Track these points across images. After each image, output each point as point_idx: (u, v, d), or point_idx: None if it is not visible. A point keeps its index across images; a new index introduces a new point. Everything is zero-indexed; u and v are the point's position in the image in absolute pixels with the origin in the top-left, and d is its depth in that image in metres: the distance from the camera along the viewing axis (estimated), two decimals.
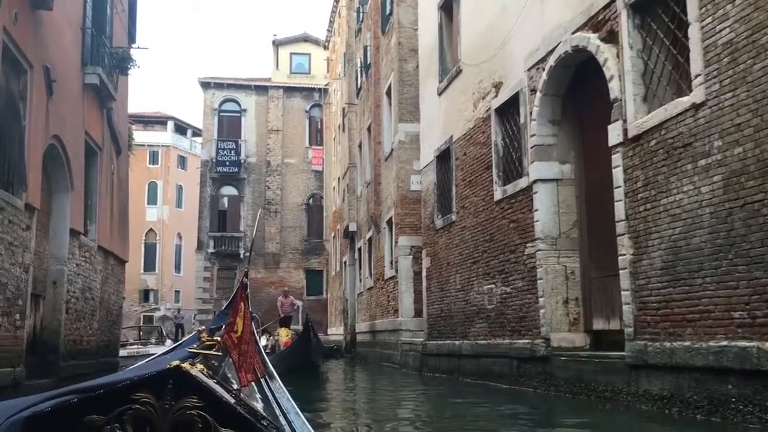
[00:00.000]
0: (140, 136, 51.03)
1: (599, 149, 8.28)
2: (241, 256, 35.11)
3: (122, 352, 16.79)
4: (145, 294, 50.14)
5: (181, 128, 53.31)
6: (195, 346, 3.78)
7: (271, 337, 17.61)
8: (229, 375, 3.96)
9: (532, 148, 9.04)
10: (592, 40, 7.67)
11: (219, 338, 3.68)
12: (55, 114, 8.70)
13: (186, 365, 2.50)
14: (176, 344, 6.27)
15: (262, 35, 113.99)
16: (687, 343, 5.89)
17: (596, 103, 8.40)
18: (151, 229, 50.66)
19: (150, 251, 50.43)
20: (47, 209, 9.42)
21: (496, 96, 10.36)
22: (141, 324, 40.65)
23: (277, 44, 37.67)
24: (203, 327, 4.15)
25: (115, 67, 11.69)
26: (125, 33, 12.84)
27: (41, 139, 8.22)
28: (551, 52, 8.64)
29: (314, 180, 36.38)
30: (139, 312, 48.42)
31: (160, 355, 5.12)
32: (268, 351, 16.39)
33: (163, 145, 51.50)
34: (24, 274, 8.10)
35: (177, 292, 50.30)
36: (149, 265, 50.37)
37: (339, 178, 27.77)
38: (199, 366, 2.68)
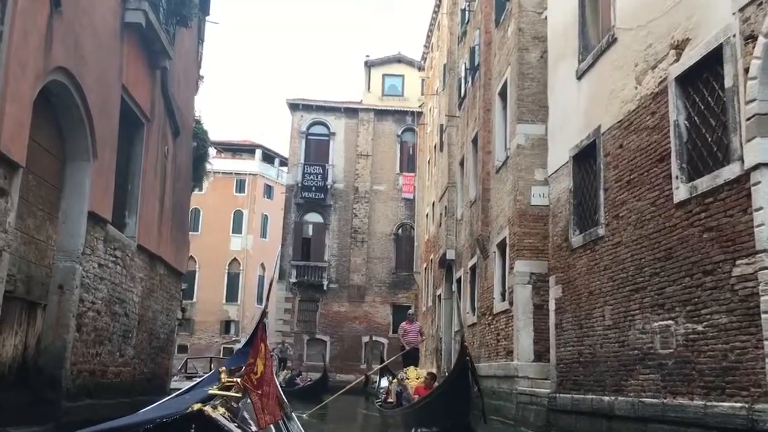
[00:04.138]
0: (227, 164, 50.62)
1: None
2: (325, 288, 32.85)
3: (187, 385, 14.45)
4: (227, 325, 48.76)
5: (268, 157, 52.37)
6: (215, 386, 3.96)
7: (394, 380, 13.11)
8: (247, 416, 3.98)
9: (749, 119, 6.16)
10: None
11: (239, 379, 3.80)
12: (66, 39, 6.36)
13: (208, 408, 2.99)
14: (195, 383, 5.93)
15: (354, 57, 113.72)
16: None
17: None
18: (234, 259, 49.51)
19: (233, 281, 49.25)
20: (57, 182, 7.02)
21: (677, 59, 7.53)
22: (221, 356, 38.87)
23: (369, 65, 35.83)
24: (223, 367, 4.27)
25: (171, 14, 9.38)
26: None
27: (33, 65, 5.77)
28: None
29: (404, 209, 33.90)
30: (219, 344, 46.99)
31: (178, 395, 5.00)
32: (391, 401, 12.61)
33: (250, 174, 50.74)
34: None
35: None
36: (231, 296, 49.15)
37: (434, 203, 25.17)
38: (221, 409, 3.18)
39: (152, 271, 9.92)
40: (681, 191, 7.27)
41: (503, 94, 14.54)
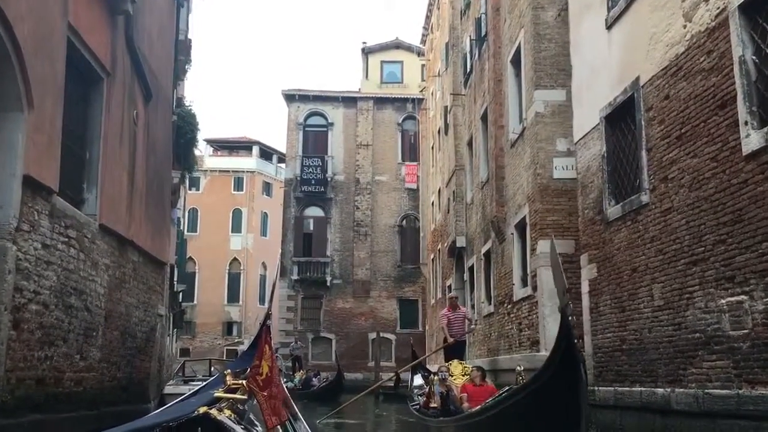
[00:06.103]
0: (224, 162, 49.48)
1: None
2: (328, 284, 31.62)
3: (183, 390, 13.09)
4: (229, 327, 47.61)
5: (266, 153, 51.12)
6: (220, 389, 4.01)
7: (435, 378, 10.40)
8: (253, 417, 4.00)
9: None
10: None
11: (244, 381, 3.77)
12: None
13: (214, 411, 2.93)
14: (201, 386, 5.72)
15: (350, 44, 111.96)
16: None
17: None
18: (235, 258, 48.32)
19: (234, 281, 48.05)
20: None
21: None
22: (224, 359, 37.66)
23: (366, 52, 34.58)
24: (228, 370, 4.44)
25: None
26: None
27: None
28: None
29: (408, 199, 32.65)
30: (222, 345, 45.86)
31: (184, 398, 4.97)
32: (434, 406, 9.75)
33: (248, 171, 49.54)
34: None
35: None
36: (233, 297, 47.98)
37: (440, 190, 23.94)
38: (227, 411, 3.14)
39: (122, 257, 8.54)
40: (752, 139, 6.04)
41: (516, 62, 13.30)
